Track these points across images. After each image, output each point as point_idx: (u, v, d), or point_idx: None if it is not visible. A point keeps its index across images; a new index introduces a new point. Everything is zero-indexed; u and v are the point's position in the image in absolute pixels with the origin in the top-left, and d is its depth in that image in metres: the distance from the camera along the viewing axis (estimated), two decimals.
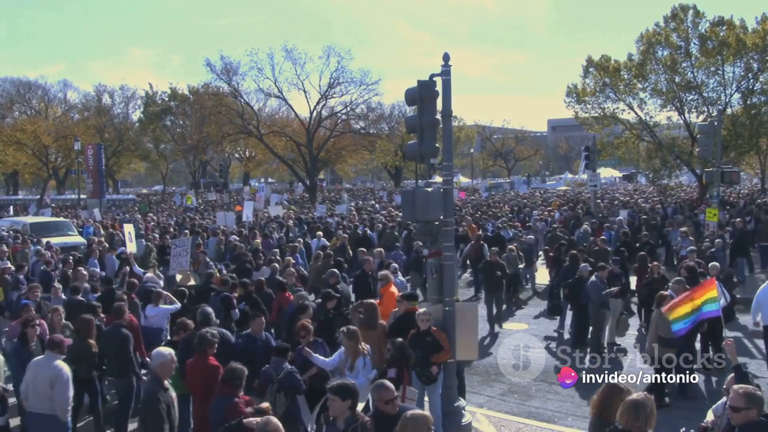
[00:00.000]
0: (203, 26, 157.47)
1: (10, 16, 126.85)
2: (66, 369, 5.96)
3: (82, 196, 39.84)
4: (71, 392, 5.98)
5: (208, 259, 12.89)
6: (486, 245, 14.48)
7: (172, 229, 19.57)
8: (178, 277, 10.46)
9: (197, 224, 21.67)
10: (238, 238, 16.35)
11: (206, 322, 6.95)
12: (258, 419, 4.27)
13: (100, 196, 38.62)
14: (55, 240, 17.28)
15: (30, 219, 22.63)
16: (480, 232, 16.37)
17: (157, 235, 18.07)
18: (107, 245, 15.56)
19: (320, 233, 16.70)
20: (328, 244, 15.35)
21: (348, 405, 4.42)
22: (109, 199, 42.71)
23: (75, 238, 18.77)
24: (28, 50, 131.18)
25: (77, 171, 42.45)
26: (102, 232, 20.30)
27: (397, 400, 4.67)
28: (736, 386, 4.21)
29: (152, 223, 23.22)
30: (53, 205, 39.21)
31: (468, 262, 15.13)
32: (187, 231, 18.57)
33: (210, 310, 7.26)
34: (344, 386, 4.53)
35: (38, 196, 49.70)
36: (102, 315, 7.94)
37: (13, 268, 11.44)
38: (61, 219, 23.92)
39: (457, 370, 7.50)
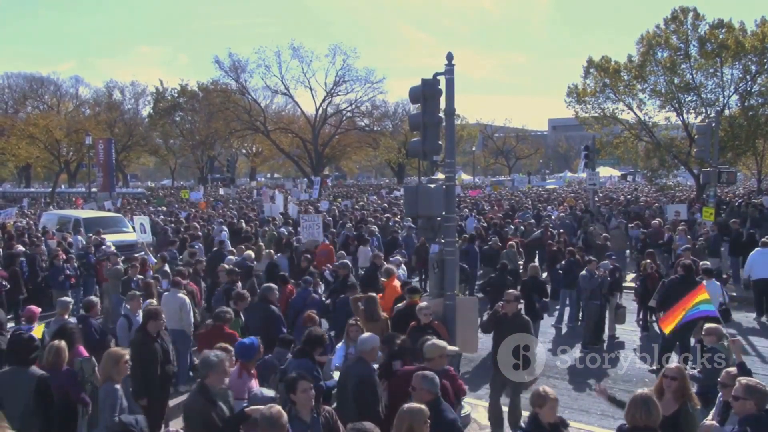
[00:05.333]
0: (211, 26, 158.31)
1: (24, 13, 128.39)
2: (187, 299, 8.49)
3: (92, 190, 40.64)
4: (192, 315, 8.46)
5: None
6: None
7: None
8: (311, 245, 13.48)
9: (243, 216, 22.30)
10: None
11: (264, 297, 7.83)
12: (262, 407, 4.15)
13: (110, 190, 39.46)
14: (109, 237, 15.85)
15: (83, 214, 20.43)
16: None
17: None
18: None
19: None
20: None
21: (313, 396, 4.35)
22: (118, 192, 43.44)
23: (131, 236, 16.75)
24: (40, 47, 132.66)
25: (88, 165, 43.22)
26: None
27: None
28: (742, 378, 4.29)
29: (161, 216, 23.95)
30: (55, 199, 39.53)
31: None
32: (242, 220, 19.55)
33: (274, 285, 8.15)
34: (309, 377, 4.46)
35: (50, 189, 50.50)
36: None
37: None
38: (116, 214, 21.65)
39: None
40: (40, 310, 7.65)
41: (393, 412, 4.78)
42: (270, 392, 5.37)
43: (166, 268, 11.39)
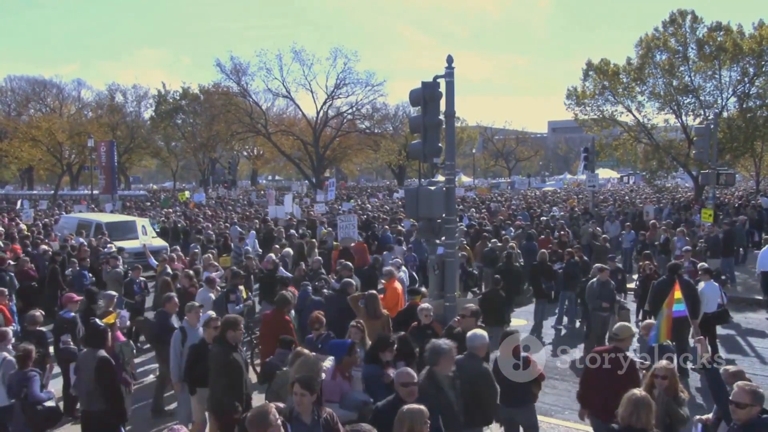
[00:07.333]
0: (213, 29, 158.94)
1: (26, 16, 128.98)
2: (213, 297, 9.10)
3: (95, 192, 40.83)
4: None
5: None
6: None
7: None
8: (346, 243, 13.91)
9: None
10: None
11: (343, 290, 8.21)
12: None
13: (111, 192, 39.60)
14: (129, 244, 15.15)
15: (104, 218, 19.36)
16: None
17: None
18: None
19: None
20: None
21: (314, 399, 4.33)
22: (120, 194, 43.63)
23: (156, 241, 16.29)
24: (43, 50, 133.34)
25: (90, 167, 43.45)
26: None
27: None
28: (740, 382, 4.23)
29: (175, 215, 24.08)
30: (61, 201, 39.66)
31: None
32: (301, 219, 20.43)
33: (353, 281, 8.52)
34: (311, 379, 4.43)
35: (52, 192, 50.65)
36: None
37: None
38: (138, 218, 19.97)
39: None
40: (80, 298, 8.26)
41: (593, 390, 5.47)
42: (363, 396, 5.17)
43: (168, 270, 11.50)
